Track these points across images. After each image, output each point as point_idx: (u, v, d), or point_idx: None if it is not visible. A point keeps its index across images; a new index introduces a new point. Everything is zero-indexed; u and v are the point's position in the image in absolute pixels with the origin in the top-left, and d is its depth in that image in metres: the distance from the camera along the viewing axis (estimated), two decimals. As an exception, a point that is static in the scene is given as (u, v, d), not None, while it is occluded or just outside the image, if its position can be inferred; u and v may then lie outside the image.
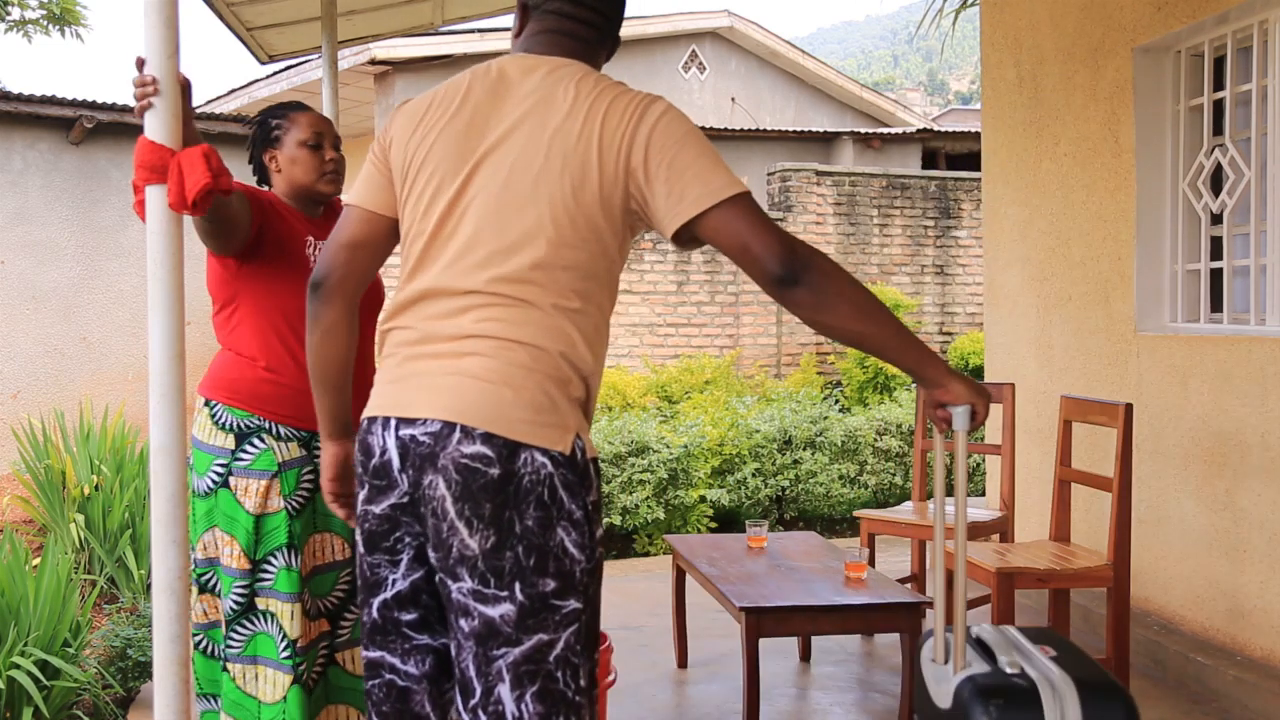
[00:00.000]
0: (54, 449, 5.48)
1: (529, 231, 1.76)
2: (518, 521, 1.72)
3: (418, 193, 1.85)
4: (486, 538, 1.72)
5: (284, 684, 2.69)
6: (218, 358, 2.79)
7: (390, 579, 1.85)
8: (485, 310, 1.76)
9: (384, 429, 1.80)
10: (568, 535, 1.74)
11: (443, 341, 1.78)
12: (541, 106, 1.80)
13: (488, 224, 1.78)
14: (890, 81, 65.38)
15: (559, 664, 1.74)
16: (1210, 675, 3.80)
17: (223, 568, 2.71)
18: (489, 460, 1.71)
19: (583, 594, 1.76)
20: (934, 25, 7.56)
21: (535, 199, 1.76)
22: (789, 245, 1.71)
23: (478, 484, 1.71)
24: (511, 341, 1.75)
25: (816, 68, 15.30)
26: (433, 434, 1.73)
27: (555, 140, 1.77)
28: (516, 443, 1.72)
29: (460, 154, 1.82)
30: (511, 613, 1.72)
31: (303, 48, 4.69)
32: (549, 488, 1.73)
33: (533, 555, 1.72)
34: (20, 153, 7.97)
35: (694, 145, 1.76)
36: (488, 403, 1.72)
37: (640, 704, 3.77)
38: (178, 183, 2.07)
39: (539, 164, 1.77)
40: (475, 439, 1.71)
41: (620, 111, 1.78)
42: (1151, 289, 4.43)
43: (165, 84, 2.06)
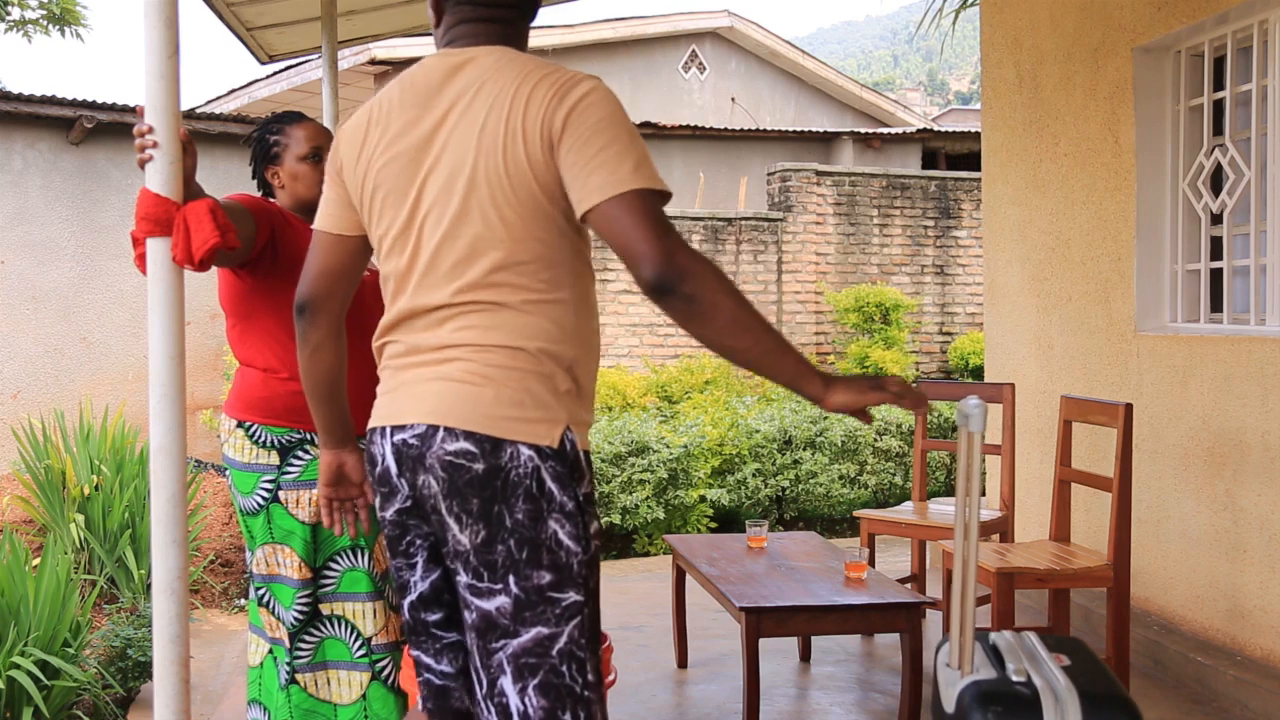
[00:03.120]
0: (54, 449, 5.48)
1: (481, 236, 1.77)
2: (507, 515, 1.73)
3: (377, 217, 1.88)
4: (476, 532, 1.75)
5: (361, 682, 2.72)
6: (241, 376, 2.77)
7: (412, 581, 1.90)
8: (460, 319, 1.79)
9: (381, 438, 1.85)
10: (561, 527, 1.75)
11: (426, 352, 1.82)
12: (470, 108, 1.78)
13: (443, 237, 1.79)
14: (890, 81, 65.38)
15: (563, 658, 1.74)
16: (1210, 675, 3.80)
17: (284, 581, 2.71)
18: (473, 456, 1.74)
19: (582, 586, 1.76)
20: (934, 25, 7.56)
21: (479, 202, 1.76)
22: (669, 253, 1.65)
23: (463, 480, 1.74)
24: (488, 346, 1.77)
25: (816, 68, 15.30)
26: (419, 435, 1.78)
27: (485, 139, 1.76)
28: (499, 439, 1.73)
29: (405, 173, 1.83)
30: (507, 605, 1.74)
31: (303, 48, 4.69)
32: (537, 480, 1.74)
33: (525, 548, 1.73)
34: (20, 153, 7.97)
35: (608, 131, 1.72)
36: (468, 403, 1.75)
37: (640, 704, 3.77)
38: (184, 239, 2.08)
39: (475, 167, 1.76)
40: (458, 437, 1.74)
41: (543, 93, 1.74)
42: (1151, 289, 4.43)
43: (165, 136, 2.07)
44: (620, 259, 1.70)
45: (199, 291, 7.90)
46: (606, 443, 6.51)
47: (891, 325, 8.96)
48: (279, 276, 2.69)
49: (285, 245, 2.70)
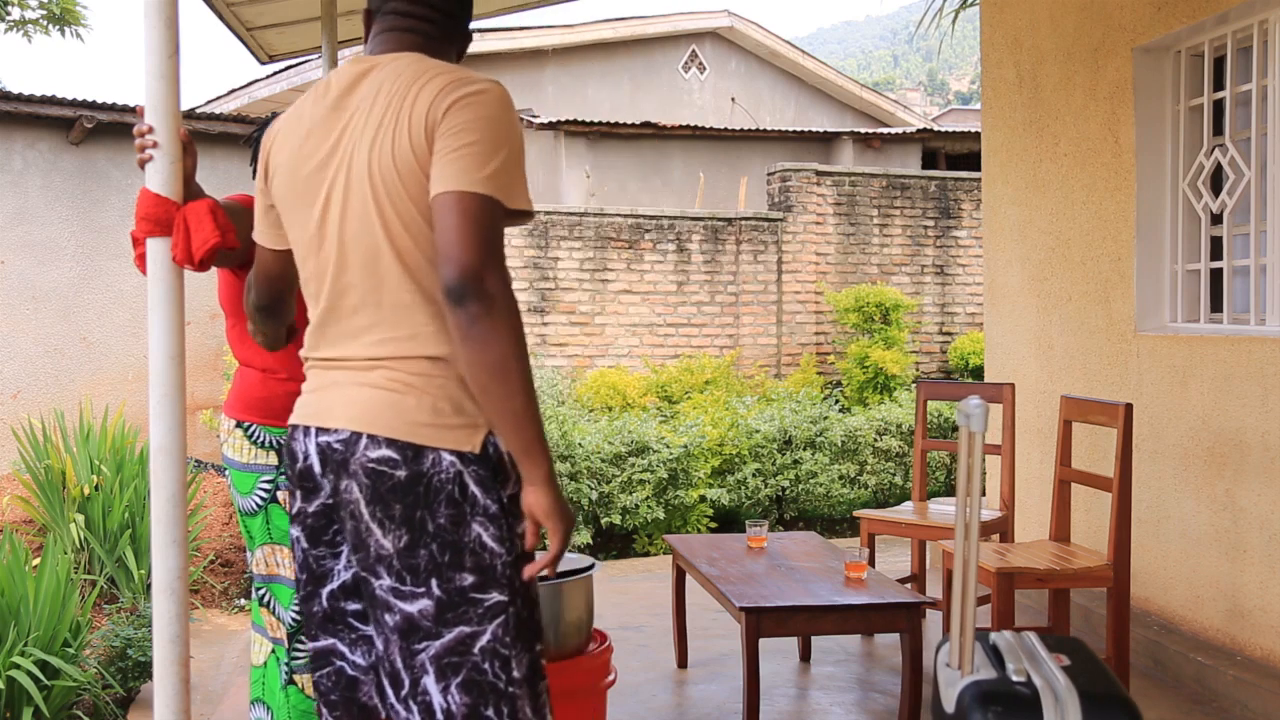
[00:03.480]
0: (54, 449, 5.48)
1: (384, 236, 1.77)
2: (430, 520, 1.75)
3: (296, 221, 1.90)
4: (400, 537, 1.76)
5: None
6: (240, 376, 2.78)
7: (335, 569, 1.91)
8: (377, 331, 1.80)
9: (305, 436, 1.87)
10: (484, 530, 1.76)
11: (350, 358, 1.84)
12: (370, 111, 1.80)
13: (350, 241, 1.80)
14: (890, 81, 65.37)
15: (485, 655, 1.75)
16: (1210, 675, 3.80)
17: (282, 581, 2.71)
18: (395, 463, 1.75)
19: (506, 586, 1.77)
20: (934, 25, 7.56)
21: (379, 202, 1.77)
22: (478, 269, 1.65)
23: (385, 486, 1.75)
24: (409, 356, 1.78)
25: (816, 68, 15.30)
26: (344, 441, 1.80)
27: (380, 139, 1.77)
28: (421, 446, 1.75)
29: (313, 178, 1.85)
30: (430, 608, 1.75)
31: (303, 48, 4.68)
32: (459, 485, 1.75)
33: (447, 552, 1.75)
34: (20, 153, 7.97)
35: (482, 130, 1.72)
36: (391, 411, 1.76)
37: (640, 704, 3.77)
38: (184, 238, 2.08)
39: (372, 168, 1.77)
40: (381, 444, 1.76)
41: (434, 87, 1.75)
42: (1151, 289, 4.43)
43: (165, 136, 2.07)
44: (438, 254, 1.69)
45: (199, 291, 7.89)
46: (607, 443, 6.51)
47: (891, 325, 8.96)
48: None
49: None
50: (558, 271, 8.93)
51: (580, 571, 2.75)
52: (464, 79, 1.76)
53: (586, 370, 8.80)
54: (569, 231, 8.97)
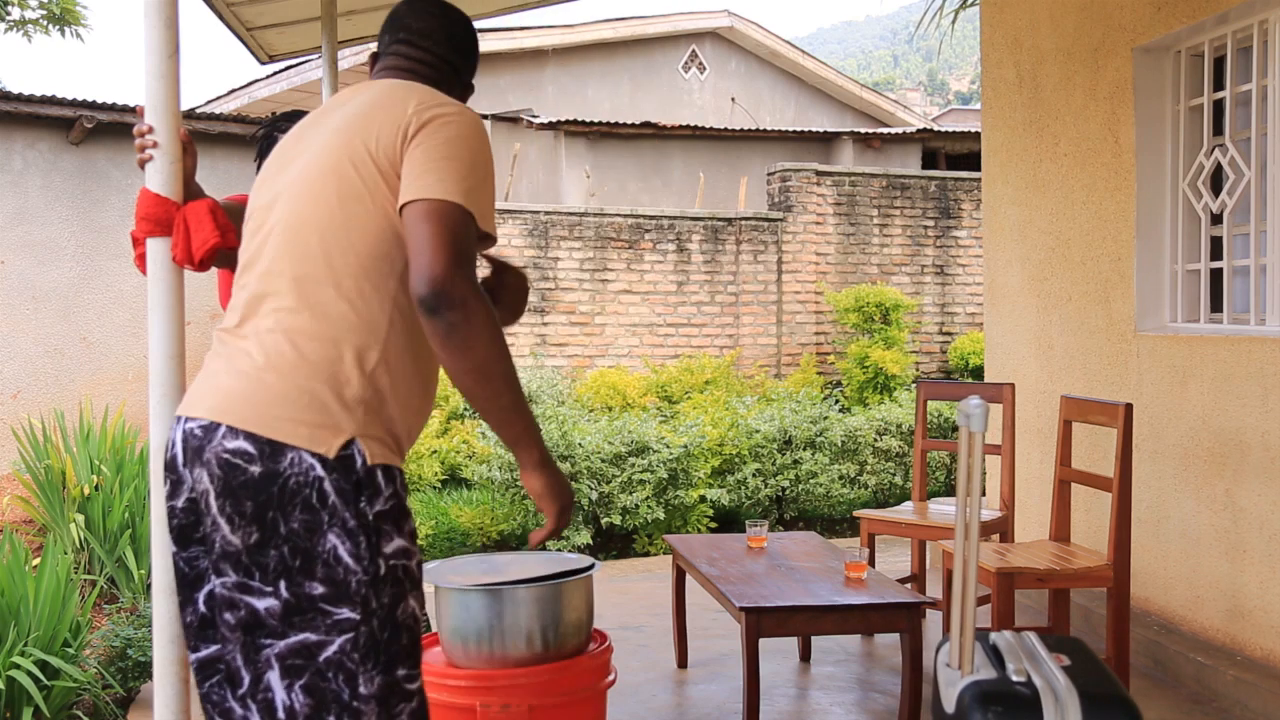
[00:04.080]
0: (54, 449, 5.48)
1: (316, 217, 1.77)
2: (283, 523, 1.67)
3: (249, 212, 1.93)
4: (249, 534, 1.69)
5: None
6: None
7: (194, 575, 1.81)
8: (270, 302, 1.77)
9: (176, 424, 1.81)
10: (341, 544, 1.67)
11: (230, 341, 1.81)
12: (338, 113, 1.87)
13: (282, 223, 1.81)
14: (890, 81, 65.38)
15: (331, 666, 1.68)
16: (1210, 675, 3.80)
17: None
18: (250, 457, 1.68)
19: (359, 605, 1.68)
20: (934, 25, 7.56)
21: (324, 182, 1.79)
22: (451, 278, 1.65)
23: (238, 480, 1.68)
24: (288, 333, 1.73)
25: (816, 68, 15.30)
26: (203, 427, 1.73)
27: (343, 128, 1.82)
28: (281, 443, 1.67)
29: (280, 169, 1.90)
30: (276, 607, 1.69)
31: (303, 48, 4.68)
32: (318, 492, 1.67)
33: (298, 557, 1.67)
34: (20, 153, 7.97)
35: (453, 146, 1.75)
36: (248, 400, 1.70)
37: (640, 704, 3.77)
38: (184, 238, 2.08)
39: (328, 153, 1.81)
40: (238, 435, 1.69)
41: (411, 102, 1.80)
42: (1151, 289, 4.43)
43: (165, 136, 2.07)
44: (409, 261, 1.70)
45: (199, 291, 7.89)
46: (607, 443, 6.51)
47: (891, 325, 8.96)
48: None
49: None
50: (558, 271, 8.93)
51: (580, 571, 2.75)
52: (443, 100, 1.82)
53: (586, 370, 8.80)
54: (569, 231, 8.97)
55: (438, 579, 2.66)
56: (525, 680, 2.57)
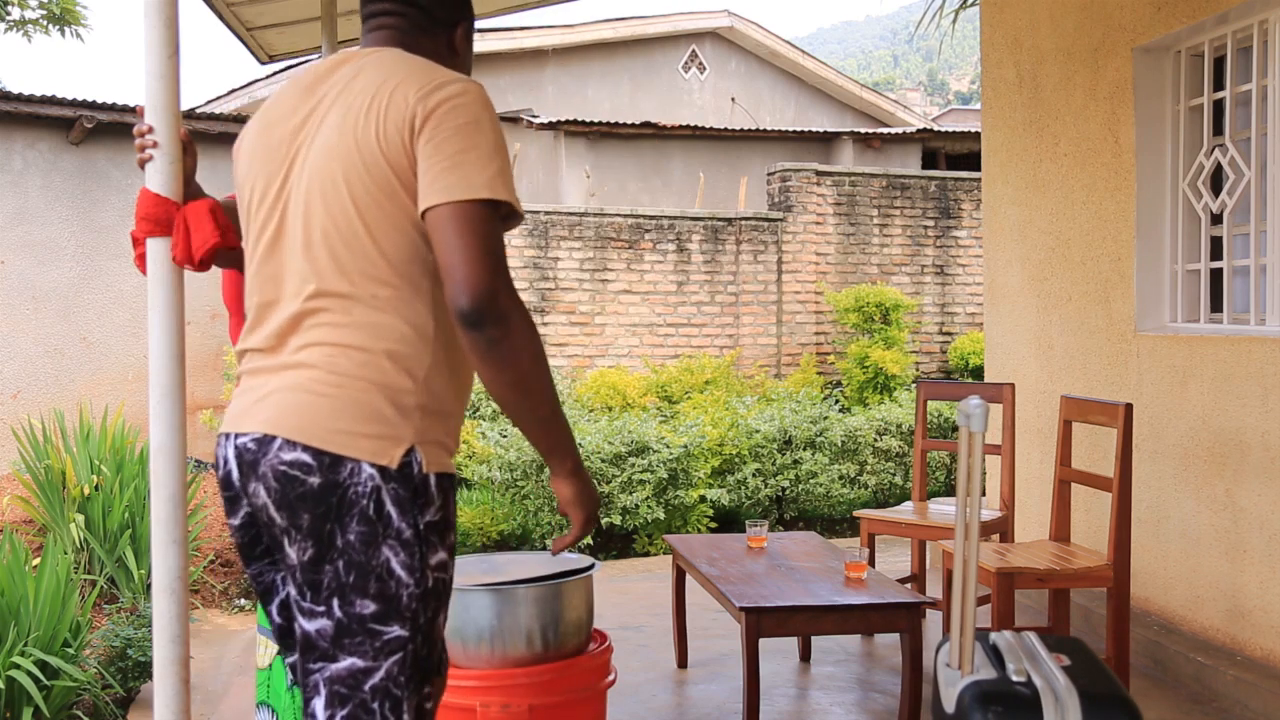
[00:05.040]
0: (54, 449, 5.48)
1: (338, 224, 1.71)
2: (339, 535, 1.64)
3: (248, 207, 1.85)
4: (304, 549, 1.66)
5: None
6: None
7: (278, 580, 1.82)
8: (312, 317, 1.72)
9: (226, 441, 1.78)
10: (395, 555, 1.65)
11: (273, 354, 1.76)
12: (338, 100, 1.76)
13: (299, 225, 1.74)
14: (890, 81, 65.36)
15: (376, 694, 1.64)
16: (1210, 675, 3.80)
17: None
18: (309, 468, 1.65)
19: (409, 621, 1.66)
20: (934, 25, 7.56)
21: (339, 191, 1.71)
22: (494, 291, 1.61)
23: (295, 493, 1.65)
24: (337, 347, 1.69)
25: (816, 68, 15.30)
26: (256, 440, 1.70)
27: (347, 126, 1.71)
28: (339, 455, 1.65)
29: (276, 162, 1.80)
30: (328, 629, 1.66)
31: (303, 48, 4.68)
32: (375, 502, 1.64)
33: (353, 572, 1.64)
34: (20, 153, 7.97)
35: (469, 135, 1.67)
36: (306, 413, 1.67)
37: (640, 704, 3.77)
38: (184, 238, 2.08)
39: (334, 155, 1.72)
40: (295, 447, 1.66)
41: (412, 85, 1.69)
42: (1151, 289, 4.43)
43: (165, 136, 2.07)
44: (442, 272, 1.64)
45: (199, 291, 7.89)
46: (607, 443, 6.51)
47: (891, 325, 8.96)
48: None
49: None
50: (558, 271, 8.93)
51: (580, 571, 2.75)
52: (442, 80, 1.70)
53: (586, 370, 8.80)
54: (569, 231, 8.97)
55: (438, 579, 2.66)
56: (525, 680, 2.57)
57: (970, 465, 2.17)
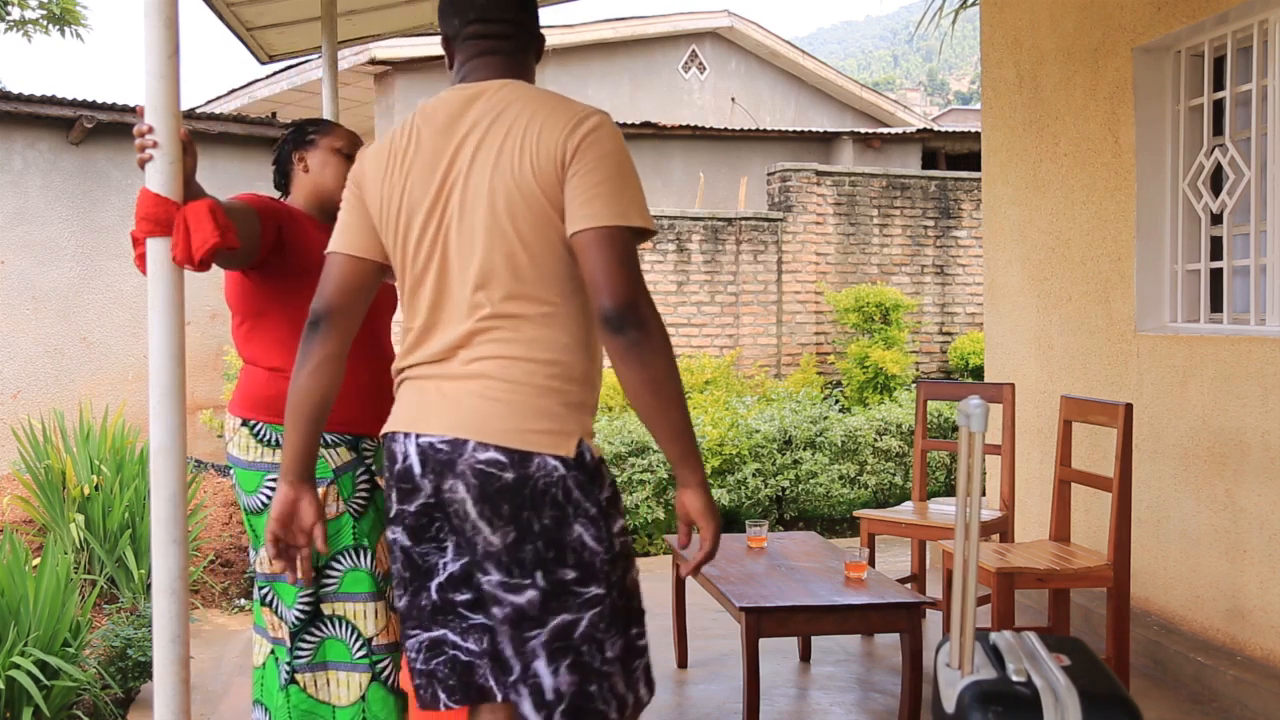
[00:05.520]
0: (54, 449, 5.48)
1: (502, 251, 1.91)
2: (535, 520, 1.89)
3: (400, 235, 1.99)
4: (507, 534, 1.90)
5: (360, 684, 2.71)
6: (247, 375, 2.77)
7: (441, 563, 2.00)
8: (485, 334, 1.93)
9: (405, 439, 1.96)
10: (585, 530, 1.91)
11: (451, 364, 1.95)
12: (488, 134, 1.93)
13: (465, 254, 1.93)
14: (890, 81, 65.38)
15: (584, 640, 1.92)
16: (1210, 675, 3.80)
17: (286, 580, 2.71)
18: (502, 465, 1.88)
19: (604, 580, 1.94)
20: (934, 25, 7.56)
21: (499, 220, 1.91)
22: (634, 301, 1.84)
23: (494, 487, 1.89)
24: (509, 359, 1.92)
25: (816, 68, 15.30)
26: (449, 443, 1.90)
27: (503, 161, 1.90)
28: (528, 451, 1.88)
29: (427, 195, 1.96)
30: (536, 598, 1.90)
31: (303, 48, 4.68)
32: (563, 489, 1.89)
33: (551, 549, 1.90)
34: (20, 153, 7.97)
35: (611, 165, 1.89)
36: (495, 418, 1.89)
37: (640, 704, 3.77)
38: (184, 238, 2.08)
39: (494, 188, 1.91)
40: (488, 447, 1.88)
41: (558, 120, 1.90)
42: (1151, 289, 4.43)
43: (165, 136, 2.07)
44: (589, 285, 1.87)
45: (199, 291, 7.89)
46: (606, 443, 6.50)
47: (891, 325, 8.96)
48: (288, 276, 2.69)
49: (294, 244, 2.69)
50: (558, 271, 8.92)
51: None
52: (581, 112, 1.92)
53: (586, 370, 8.79)
54: (569, 231, 8.96)
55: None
56: (525, 680, 2.57)
57: (970, 465, 2.17)
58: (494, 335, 1.92)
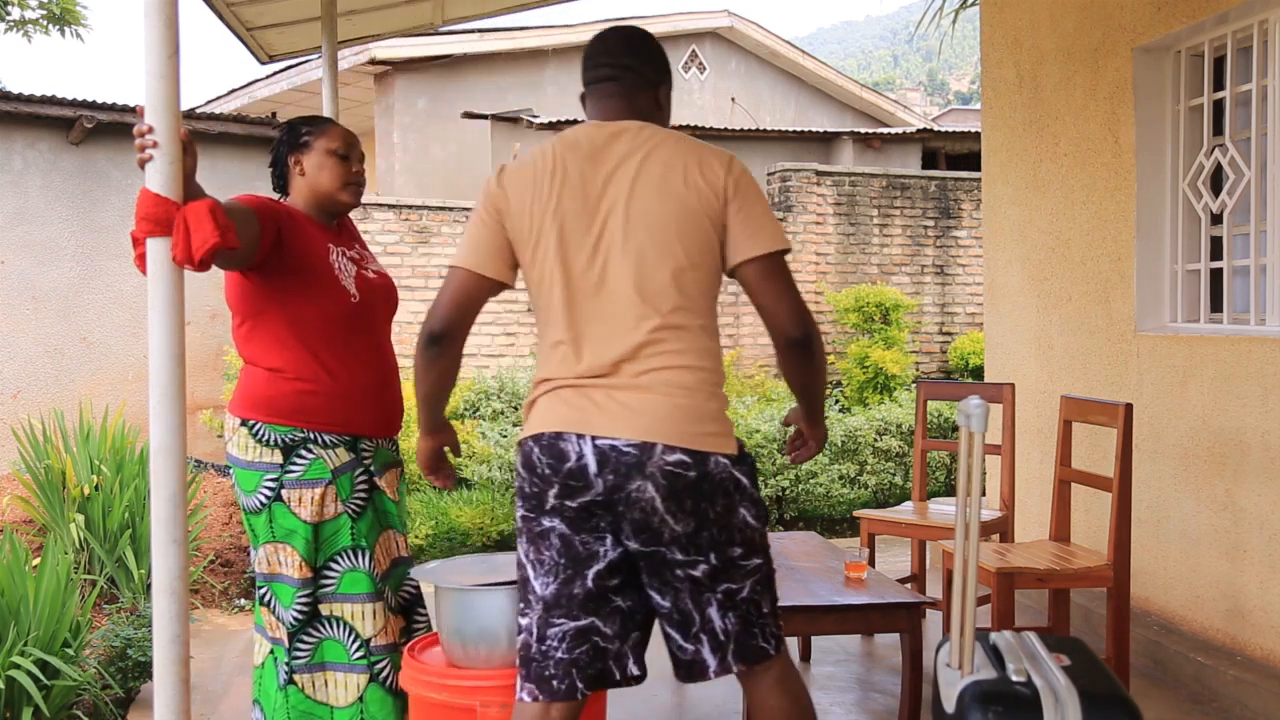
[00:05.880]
0: (54, 449, 5.48)
1: (670, 270, 2.17)
2: (710, 510, 2.18)
3: (549, 253, 2.19)
4: (689, 524, 2.17)
5: (359, 685, 2.71)
6: (246, 375, 2.77)
7: (601, 551, 2.21)
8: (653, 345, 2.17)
9: (579, 440, 2.15)
10: (748, 512, 2.23)
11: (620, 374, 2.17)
12: (644, 167, 2.19)
13: (631, 272, 2.16)
14: (890, 81, 65.37)
15: (745, 602, 2.25)
16: (1210, 675, 3.80)
17: (284, 580, 2.71)
18: (687, 465, 2.15)
19: (763, 552, 2.28)
20: (934, 25, 7.56)
21: (667, 242, 2.17)
22: (807, 319, 2.19)
23: (680, 485, 2.14)
24: (682, 368, 2.18)
25: (816, 68, 15.30)
26: (636, 447, 2.13)
27: (670, 192, 2.17)
28: (704, 452, 2.16)
29: (584, 217, 2.18)
30: (709, 570, 2.20)
31: (303, 48, 4.68)
32: (733, 481, 2.20)
33: (724, 533, 2.20)
34: (20, 153, 7.97)
35: (762, 200, 2.23)
36: (676, 422, 2.15)
37: (640, 704, 3.77)
38: (184, 238, 2.08)
39: (661, 212, 2.17)
40: (675, 451, 2.14)
41: (713, 164, 2.21)
42: (1151, 289, 4.43)
43: (165, 136, 2.07)
44: (763, 311, 2.21)
45: (199, 291, 7.89)
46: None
47: (891, 325, 8.95)
48: (287, 276, 2.68)
49: (293, 245, 2.69)
50: (558, 271, 8.92)
51: (580, 571, 2.76)
52: (730, 156, 2.24)
53: (586, 370, 8.79)
54: (569, 231, 8.96)
55: (438, 579, 2.66)
56: (525, 680, 2.57)
57: (970, 465, 2.17)
58: (664, 346, 2.17)
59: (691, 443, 2.14)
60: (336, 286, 2.73)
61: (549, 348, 2.23)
